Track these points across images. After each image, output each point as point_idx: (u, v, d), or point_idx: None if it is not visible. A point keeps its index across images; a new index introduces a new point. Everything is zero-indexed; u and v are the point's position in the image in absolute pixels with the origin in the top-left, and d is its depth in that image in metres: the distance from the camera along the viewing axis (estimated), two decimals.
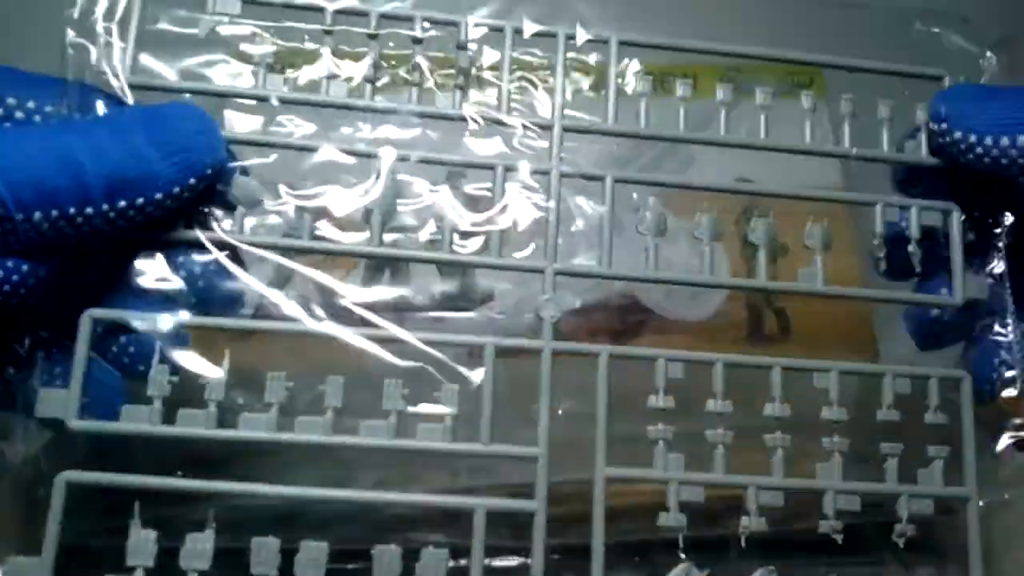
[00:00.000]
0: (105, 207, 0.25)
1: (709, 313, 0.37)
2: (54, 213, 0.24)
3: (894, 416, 0.29)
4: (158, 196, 0.25)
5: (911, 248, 0.30)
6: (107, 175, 0.24)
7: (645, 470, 0.28)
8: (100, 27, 0.28)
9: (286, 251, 0.28)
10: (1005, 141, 0.28)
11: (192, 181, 0.26)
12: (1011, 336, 0.30)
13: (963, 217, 0.30)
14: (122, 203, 0.25)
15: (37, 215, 0.24)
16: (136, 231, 0.26)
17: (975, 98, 0.30)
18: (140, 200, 0.25)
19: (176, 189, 0.26)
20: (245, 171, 0.29)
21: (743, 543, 0.27)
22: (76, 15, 0.28)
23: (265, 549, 0.26)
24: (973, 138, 0.28)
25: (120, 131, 0.25)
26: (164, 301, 0.27)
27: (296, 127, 0.29)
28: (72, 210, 0.24)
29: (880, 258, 0.30)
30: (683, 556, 0.27)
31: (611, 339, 0.32)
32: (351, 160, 0.29)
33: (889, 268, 0.30)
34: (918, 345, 0.31)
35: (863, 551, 0.29)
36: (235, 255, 0.28)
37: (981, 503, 0.28)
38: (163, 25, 0.29)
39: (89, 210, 0.24)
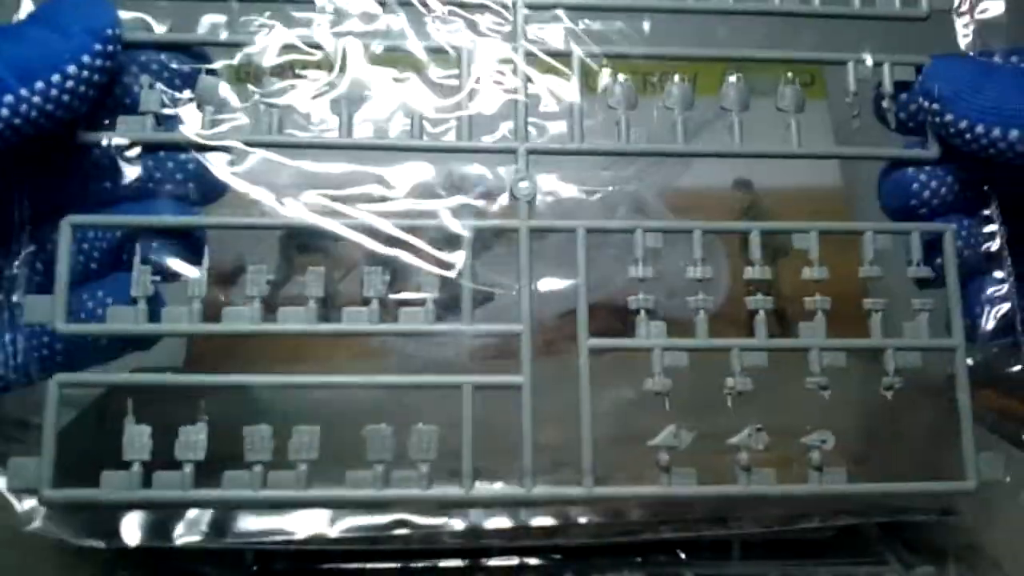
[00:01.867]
0: (25, 92, 0.25)
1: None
2: None
3: (876, 272, 0.29)
4: (71, 69, 0.25)
5: (885, 104, 0.29)
6: (8, 60, 0.25)
7: (628, 339, 0.28)
8: None
9: (256, 146, 0.28)
10: (997, 132, 0.26)
11: (99, 47, 0.26)
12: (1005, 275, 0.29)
13: None
14: (39, 84, 0.25)
15: None
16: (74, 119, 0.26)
17: (972, 76, 0.28)
18: (56, 76, 0.25)
19: (86, 58, 0.26)
20: (212, 71, 0.29)
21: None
22: None
23: (258, 435, 0.26)
24: (964, 124, 0.27)
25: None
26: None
27: (259, 27, 0.29)
28: None
29: (856, 116, 0.30)
30: (683, 556, 0.27)
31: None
32: (315, 55, 0.29)
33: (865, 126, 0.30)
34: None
35: (864, 551, 0.28)
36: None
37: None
38: None
39: (9, 98, 0.24)
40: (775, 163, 0.30)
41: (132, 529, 0.28)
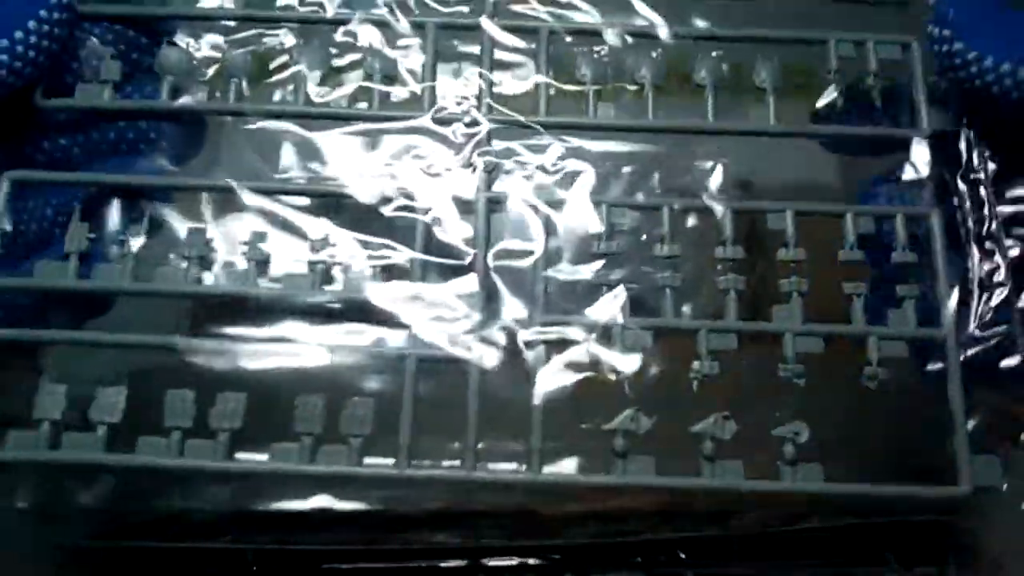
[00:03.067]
0: None
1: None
2: None
3: (857, 256, 0.27)
4: (32, 25, 0.26)
5: (870, 81, 0.28)
6: None
7: (588, 315, 0.26)
8: None
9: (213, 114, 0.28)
10: (1007, 67, 0.25)
11: (43, 13, 0.26)
12: None
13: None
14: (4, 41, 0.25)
15: None
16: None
17: (988, 6, 0.26)
18: (19, 34, 0.26)
19: (44, 13, 0.26)
20: (171, 42, 0.29)
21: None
22: None
23: (179, 399, 0.24)
24: (972, 55, 0.26)
25: None
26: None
27: None
28: None
29: (837, 96, 0.28)
30: (683, 557, 0.26)
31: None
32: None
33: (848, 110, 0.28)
34: None
35: (864, 553, 0.27)
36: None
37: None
38: None
39: None
40: (775, 164, 0.29)
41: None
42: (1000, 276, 0.27)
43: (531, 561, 0.26)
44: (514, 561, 0.27)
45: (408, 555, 0.26)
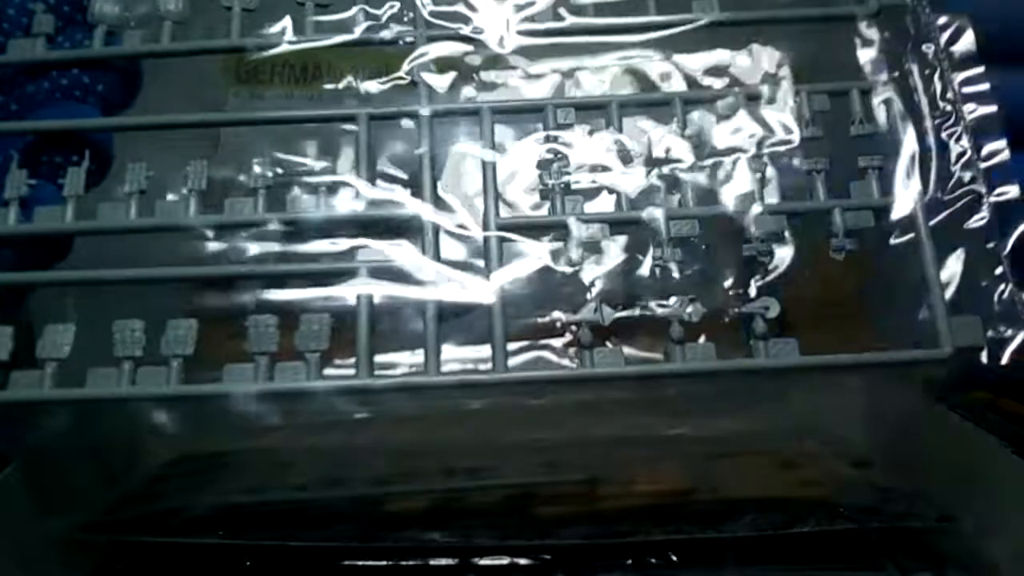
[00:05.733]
0: None
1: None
2: None
3: (817, 133, 0.26)
4: None
5: None
6: None
7: (542, 216, 0.25)
8: None
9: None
10: None
11: None
12: None
13: None
14: None
15: None
16: None
17: None
18: None
19: None
20: None
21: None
22: None
23: (128, 329, 0.24)
24: None
25: None
26: None
27: None
28: None
29: None
30: (675, 559, 0.26)
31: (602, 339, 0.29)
32: None
33: None
34: None
35: (862, 558, 0.26)
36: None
37: None
38: None
39: None
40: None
41: None
42: (961, 141, 0.26)
43: (522, 561, 0.26)
44: (505, 561, 0.26)
45: (400, 553, 0.26)
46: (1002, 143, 0.26)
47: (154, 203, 0.25)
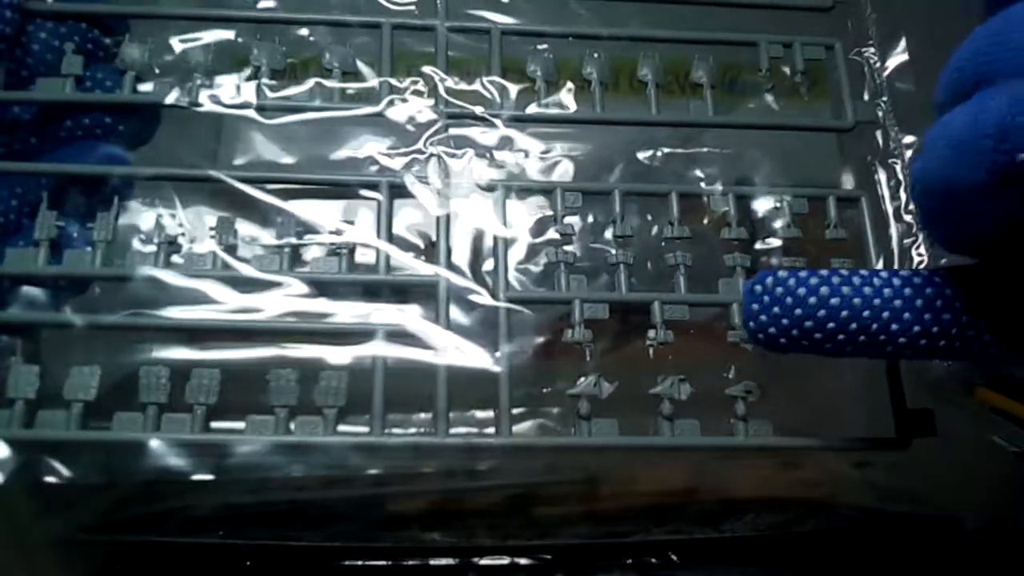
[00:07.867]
0: None
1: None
2: None
3: (795, 233, 0.29)
4: None
5: (798, 79, 0.30)
6: None
7: (548, 292, 0.27)
8: None
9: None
10: None
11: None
12: None
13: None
14: None
15: None
16: None
17: None
18: None
19: None
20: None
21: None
22: None
23: (154, 376, 0.25)
24: None
25: None
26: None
27: None
28: None
29: (769, 89, 0.31)
30: (675, 559, 0.27)
31: (611, 339, 0.30)
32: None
33: None
34: None
35: (860, 565, 0.28)
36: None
37: None
38: None
39: None
40: (776, 163, 0.31)
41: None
42: (920, 248, 0.29)
43: (522, 561, 0.26)
44: (505, 560, 0.27)
45: (400, 553, 0.27)
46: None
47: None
